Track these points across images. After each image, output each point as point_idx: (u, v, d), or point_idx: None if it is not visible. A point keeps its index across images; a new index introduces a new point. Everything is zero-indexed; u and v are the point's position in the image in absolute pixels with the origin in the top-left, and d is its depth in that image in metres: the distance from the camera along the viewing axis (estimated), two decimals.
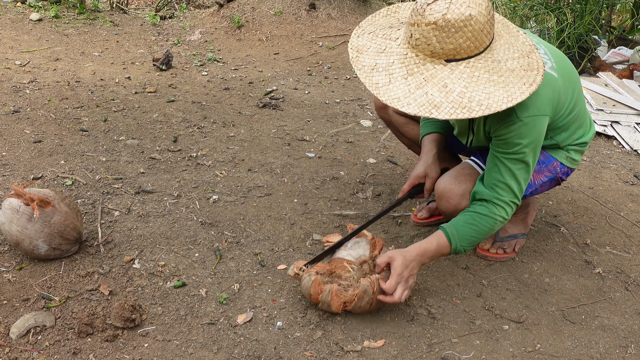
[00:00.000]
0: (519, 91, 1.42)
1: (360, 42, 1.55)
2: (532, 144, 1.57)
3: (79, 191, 2.17)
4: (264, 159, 2.59)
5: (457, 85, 1.41)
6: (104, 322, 1.53)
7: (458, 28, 1.37)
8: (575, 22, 3.93)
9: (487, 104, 1.39)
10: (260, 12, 4.95)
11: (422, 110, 1.40)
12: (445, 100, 1.40)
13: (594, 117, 3.40)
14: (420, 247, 1.62)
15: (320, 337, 1.56)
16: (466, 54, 1.42)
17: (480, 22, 1.38)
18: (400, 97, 1.42)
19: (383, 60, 1.48)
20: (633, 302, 1.84)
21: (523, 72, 1.45)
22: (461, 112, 1.39)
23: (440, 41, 1.39)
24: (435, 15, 1.37)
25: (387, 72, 1.46)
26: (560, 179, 1.86)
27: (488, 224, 1.63)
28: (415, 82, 1.43)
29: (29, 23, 4.65)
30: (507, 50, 1.48)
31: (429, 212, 2.14)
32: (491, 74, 1.42)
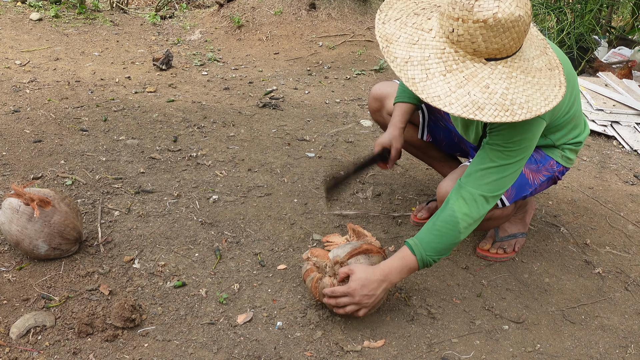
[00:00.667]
0: (552, 94, 1.40)
1: (388, 30, 1.45)
2: (523, 143, 1.54)
3: (79, 191, 2.17)
4: (264, 158, 2.59)
5: (498, 86, 1.36)
6: (104, 322, 1.53)
7: (507, 28, 1.31)
8: (575, 22, 3.93)
9: (527, 107, 1.36)
10: (260, 12, 4.95)
11: (466, 111, 1.34)
12: (488, 102, 1.35)
13: (594, 117, 3.40)
14: (385, 266, 1.55)
15: (320, 337, 1.56)
16: (506, 54, 1.37)
17: (526, 23, 1.34)
18: (440, 96, 1.35)
19: (417, 53, 1.39)
20: (633, 302, 1.84)
21: (548, 72, 1.43)
22: (504, 115, 1.34)
23: (486, 40, 1.32)
24: (485, 13, 1.29)
25: (422, 66, 1.38)
26: (557, 177, 1.86)
27: (450, 225, 1.53)
28: (455, 80, 1.36)
29: (29, 23, 4.65)
30: (530, 47, 1.45)
31: (429, 212, 2.14)
32: (526, 75, 1.39)
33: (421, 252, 1.54)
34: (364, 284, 1.52)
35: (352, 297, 1.52)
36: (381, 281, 1.53)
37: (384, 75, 4.16)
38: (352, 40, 4.74)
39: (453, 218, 1.53)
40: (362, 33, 4.85)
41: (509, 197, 1.75)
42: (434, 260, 1.57)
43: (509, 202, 1.76)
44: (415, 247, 1.55)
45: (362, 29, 4.92)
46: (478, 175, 1.55)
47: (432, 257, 1.56)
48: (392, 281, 1.56)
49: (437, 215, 1.56)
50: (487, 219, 1.76)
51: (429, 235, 1.55)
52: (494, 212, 1.77)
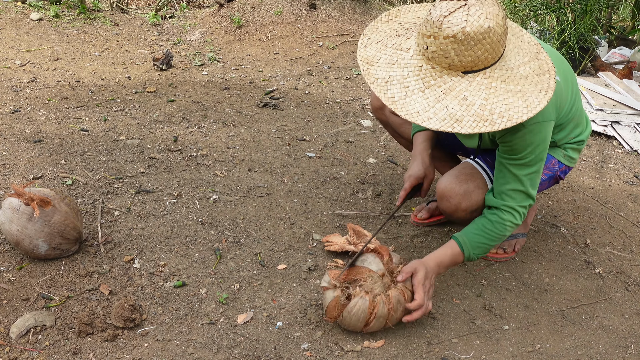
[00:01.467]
0: (536, 100, 1.40)
1: (369, 52, 1.51)
2: (538, 150, 1.56)
3: (79, 191, 2.17)
4: (264, 158, 2.59)
5: (476, 97, 1.38)
6: (104, 321, 1.53)
7: (477, 41, 1.33)
8: (575, 23, 3.93)
9: (508, 115, 1.37)
10: (260, 12, 4.95)
11: (444, 125, 1.36)
12: (466, 113, 1.37)
13: (594, 117, 3.40)
14: (436, 258, 1.63)
15: (320, 337, 1.56)
16: (483, 65, 1.39)
17: (498, 34, 1.35)
18: (419, 111, 1.38)
19: (396, 72, 1.43)
20: (633, 302, 1.84)
21: (536, 78, 1.44)
22: (484, 126, 1.36)
23: (458, 54, 1.35)
24: (454, 28, 1.32)
25: (402, 85, 1.41)
26: (559, 177, 1.86)
27: (498, 230, 1.64)
28: (433, 95, 1.39)
29: (29, 23, 4.66)
30: (517, 55, 1.46)
31: (429, 212, 2.14)
32: (507, 84, 1.40)
33: (469, 250, 1.64)
34: (427, 276, 1.59)
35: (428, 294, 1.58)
36: (436, 272, 1.63)
37: None
38: (352, 40, 4.74)
39: (502, 225, 1.64)
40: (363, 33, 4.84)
41: None
42: (476, 257, 1.67)
43: None
44: (464, 244, 1.64)
45: (362, 29, 4.92)
46: (510, 192, 1.63)
47: (476, 255, 1.66)
48: (440, 272, 1.66)
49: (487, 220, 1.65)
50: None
51: (478, 237, 1.64)
52: None
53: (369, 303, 1.50)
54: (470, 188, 1.73)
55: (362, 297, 1.51)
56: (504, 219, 1.64)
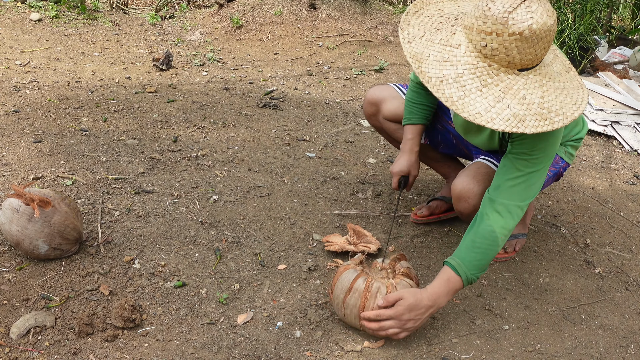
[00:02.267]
0: (580, 97, 1.40)
1: (416, 48, 1.43)
2: (548, 150, 1.54)
3: (79, 191, 2.17)
4: (264, 159, 2.59)
5: (534, 96, 1.36)
6: (104, 322, 1.53)
7: (540, 38, 1.31)
8: (575, 22, 3.93)
9: (562, 113, 1.36)
10: (260, 12, 4.95)
11: (508, 125, 1.33)
12: (528, 112, 1.34)
13: (594, 117, 3.40)
14: (432, 291, 1.52)
15: (320, 337, 1.56)
16: (536, 63, 1.37)
17: (553, 31, 1.33)
18: (481, 112, 1.34)
19: (450, 70, 1.37)
20: (633, 302, 1.84)
21: (567, 75, 1.44)
22: (545, 125, 1.34)
23: (521, 52, 1.31)
24: (521, 25, 1.28)
25: (458, 84, 1.36)
26: (561, 173, 1.89)
27: (489, 241, 1.54)
28: (492, 94, 1.35)
29: (29, 23, 4.66)
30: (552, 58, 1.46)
31: (429, 210, 2.14)
32: (553, 81, 1.39)
33: (466, 272, 1.53)
34: (412, 308, 1.49)
35: (398, 321, 1.49)
36: (429, 307, 1.51)
37: (384, 76, 4.16)
38: (352, 40, 4.74)
39: (492, 234, 1.53)
40: (362, 33, 4.85)
41: None
42: (476, 278, 1.55)
43: None
44: (459, 267, 1.53)
45: (362, 29, 4.92)
46: (507, 186, 1.55)
47: (476, 275, 1.54)
48: (440, 306, 1.53)
49: (474, 232, 1.55)
50: None
51: (471, 254, 1.53)
52: None
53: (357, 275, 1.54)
54: (485, 187, 1.71)
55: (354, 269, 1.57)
56: (493, 226, 1.53)
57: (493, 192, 1.57)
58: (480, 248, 1.53)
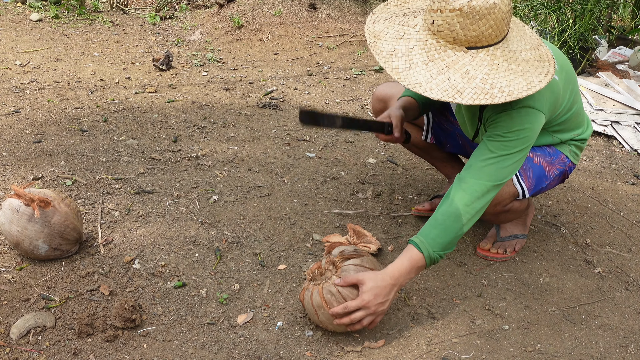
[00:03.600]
0: (536, 80, 1.43)
1: (377, 27, 1.54)
2: (522, 134, 1.54)
3: (79, 191, 2.17)
4: (264, 159, 2.59)
5: (478, 72, 1.41)
6: (104, 322, 1.53)
7: (482, 15, 1.37)
8: (576, 22, 3.93)
9: (508, 90, 1.40)
10: (260, 12, 4.95)
11: (445, 95, 1.39)
12: (468, 86, 1.40)
13: (594, 117, 3.40)
14: (393, 269, 1.50)
15: (320, 337, 1.56)
16: (487, 42, 1.42)
17: (503, 11, 1.39)
18: (422, 82, 1.41)
19: (402, 46, 1.47)
20: (633, 301, 1.84)
21: (537, 63, 1.47)
22: (484, 98, 1.39)
23: (463, 27, 1.39)
24: (461, 1, 1.36)
25: (406, 57, 1.45)
26: (567, 173, 1.88)
27: (452, 217, 1.51)
28: (437, 67, 1.42)
29: (29, 23, 4.66)
30: (519, 42, 1.50)
31: (432, 206, 2.15)
32: (509, 63, 1.44)
33: (428, 249, 1.51)
34: (377, 292, 1.47)
35: (367, 309, 1.47)
36: (392, 285, 1.49)
37: (384, 76, 4.16)
38: (352, 40, 4.74)
39: (455, 210, 1.52)
40: (362, 33, 4.85)
41: (530, 188, 1.78)
42: (440, 257, 1.54)
43: (529, 194, 1.78)
44: (422, 244, 1.51)
45: (362, 29, 4.92)
46: (478, 167, 1.56)
47: (439, 253, 1.52)
48: (402, 284, 1.52)
49: (438, 209, 1.55)
50: (507, 210, 1.79)
51: (433, 231, 1.52)
52: (514, 205, 1.79)
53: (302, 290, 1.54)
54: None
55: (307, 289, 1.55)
56: (456, 202, 1.52)
57: (464, 172, 1.58)
58: (442, 225, 1.52)
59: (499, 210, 1.76)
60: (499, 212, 1.78)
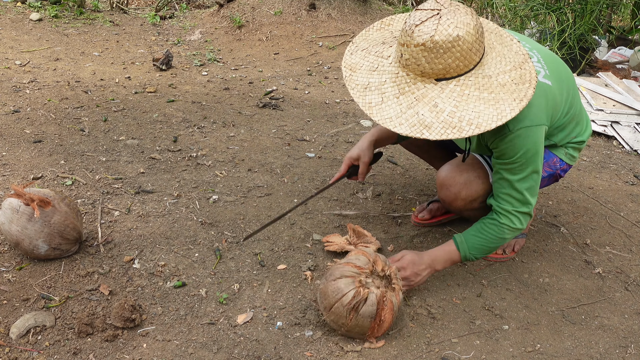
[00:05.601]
0: (508, 108, 1.41)
1: (354, 59, 1.57)
2: (529, 154, 1.56)
3: (78, 191, 2.17)
4: (264, 159, 2.59)
5: (447, 104, 1.41)
6: (104, 322, 1.53)
7: (446, 49, 1.37)
8: (575, 23, 3.93)
9: (476, 122, 1.40)
10: (260, 12, 4.95)
11: (413, 131, 1.41)
12: (436, 120, 1.41)
13: (594, 117, 3.40)
14: (431, 253, 1.71)
15: (320, 337, 1.56)
16: (455, 73, 1.42)
17: (469, 42, 1.38)
18: (392, 117, 1.44)
19: (375, 78, 1.50)
20: (633, 302, 1.84)
21: (514, 87, 1.44)
22: (452, 132, 1.40)
23: (429, 62, 1.40)
24: (424, 37, 1.37)
25: (379, 91, 1.47)
26: (559, 175, 1.87)
27: (495, 233, 1.67)
28: (407, 101, 1.44)
29: (29, 23, 4.66)
30: (498, 63, 1.47)
31: (430, 213, 2.14)
32: (481, 91, 1.43)
33: (465, 250, 1.69)
34: (414, 262, 1.67)
35: (404, 270, 1.66)
36: (428, 265, 1.69)
37: None
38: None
39: (500, 228, 1.67)
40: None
41: None
42: (475, 258, 1.72)
43: None
44: (462, 244, 1.69)
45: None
46: (505, 196, 1.65)
47: (475, 255, 1.71)
48: (436, 268, 1.71)
49: (485, 220, 1.70)
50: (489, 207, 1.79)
51: (475, 238, 1.69)
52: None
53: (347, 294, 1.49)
54: (470, 177, 1.75)
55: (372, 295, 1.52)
56: (501, 222, 1.66)
57: (495, 200, 1.69)
58: (485, 236, 1.68)
59: (476, 206, 1.79)
60: (477, 208, 1.80)
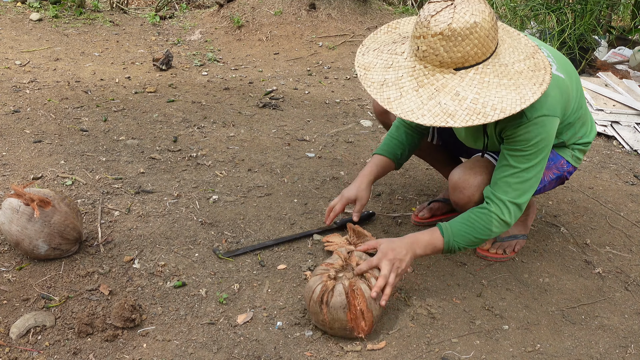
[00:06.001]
0: (530, 92, 1.42)
1: (367, 59, 1.56)
2: (541, 144, 1.55)
3: (78, 191, 2.17)
4: (264, 159, 2.59)
5: (469, 92, 1.41)
6: (104, 322, 1.53)
7: (465, 36, 1.38)
8: (575, 23, 3.93)
9: (501, 107, 1.39)
10: (260, 12, 4.95)
11: (438, 120, 1.39)
12: (459, 108, 1.40)
13: (594, 117, 3.40)
14: (412, 235, 1.62)
15: (320, 337, 1.56)
16: (474, 61, 1.42)
17: (485, 29, 1.39)
18: (414, 109, 1.42)
19: (391, 75, 1.49)
20: (633, 302, 1.84)
21: (531, 73, 1.45)
22: (477, 119, 1.39)
23: (448, 50, 1.40)
24: (441, 25, 1.38)
25: (397, 86, 1.46)
26: (565, 177, 1.86)
27: (483, 222, 1.60)
28: (427, 93, 1.43)
29: (29, 23, 4.66)
30: (512, 53, 1.48)
31: (430, 212, 2.14)
32: (501, 78, 1.43)
33: (449, 236, 1.60)
34: (392, 247, 1.57)
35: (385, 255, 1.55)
36: (408, 247, 1.58)
37: None
38: (352, 40, 4.74)
39: (488, 217, 1.59)
40: (362, 33, 4.85)
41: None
42: (458, 248, 1.62)
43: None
44: (446, 230, 1.61)
45: (362, 29, 4.92)
46: (504, 183, 1.60)
47: (458, 244, 1.61)
48: (416, 253, 1.60)
49: (473, 210, 1.63)
50: None
51: (462, 225, 1.61)
52: None
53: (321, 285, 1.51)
54: (484, 180, 1.71)
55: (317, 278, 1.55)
56: (491, 211, 1.59)
57: (492, 187, 1.63)
58: (472, 224, 1.60)
59: None
60: None
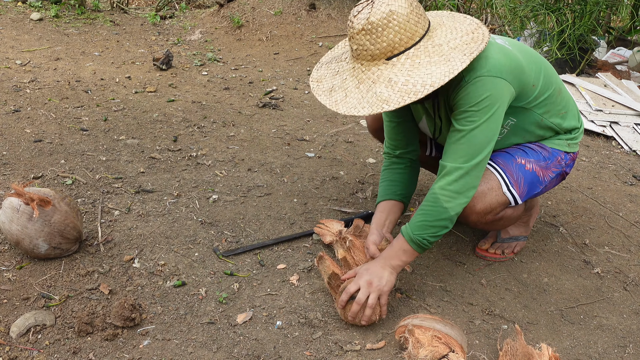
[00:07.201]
0: (459, 62, 1.46)
1: (319, 73, 1.67)
2: (484, 103, 1.52)
3: (79, 190, 2.17)
4: (264, 158, 2.60)
5: (400, 76, 1.47)
6: (104, 321, 1.53)
7: (384, 26, 1.45)
8: (575, 23, 3.93)
9: (430, 82, 1.44)
10: (261, 12, 4.96)
11: (374, 108, 1.45)
12: (392, 92, 1.46)
13: (593, 118, 3.40)
14: (383, 253, 1.65)
15: (320, 337, 1.56)
16: (403, 47, 1.48)
17: (403, 14, 1.46)
18: (355, 105, 1.49)
19: (338, 80, 1.58)
20: (631, 302, 1.85)
21: (465, 46, 1.49)
22: (408, 97, 1.44)
23: (373, 43, 1.47)
24: (362, 22, 1.46)
25: (342, 88, 1.55)
26: (565, 172, 1.86)
27: (431, 202, 1.58)
28: (366, 87, 1.50)
29: (29, 23, 4.66)
30: (449, 34, 1.53)
31: None
32: (431, 57, 1.48)
33: (409, 232, 1.61)
34: (367, 268, 1.60)
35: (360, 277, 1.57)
36: (382, 264, 1.60)
37: None
38: None
39: (433, 195, 1.59)
40: None
41: (522, 195, 1.74)
42: (424, 239, 1.59)
43: (522, 200, 1.74)
44: (404, 229, 1.63)
45: None
46: (452, 149, 1.59)
47: (421, 235, 1.59)
48: (394, 264, 1.61)
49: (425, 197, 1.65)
50: (499, 219, 1.75)
51: (416, 217, 1.62)
52: (506, 212, 1.75)
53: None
54: (484, 189, 1.68)
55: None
56: (434, 188, 1.57)
57: (442, 158, 1.63)
58: (423, 210, 1.61)
59: (490, 219, 1.73)
60: (491, 221, 1.74)
